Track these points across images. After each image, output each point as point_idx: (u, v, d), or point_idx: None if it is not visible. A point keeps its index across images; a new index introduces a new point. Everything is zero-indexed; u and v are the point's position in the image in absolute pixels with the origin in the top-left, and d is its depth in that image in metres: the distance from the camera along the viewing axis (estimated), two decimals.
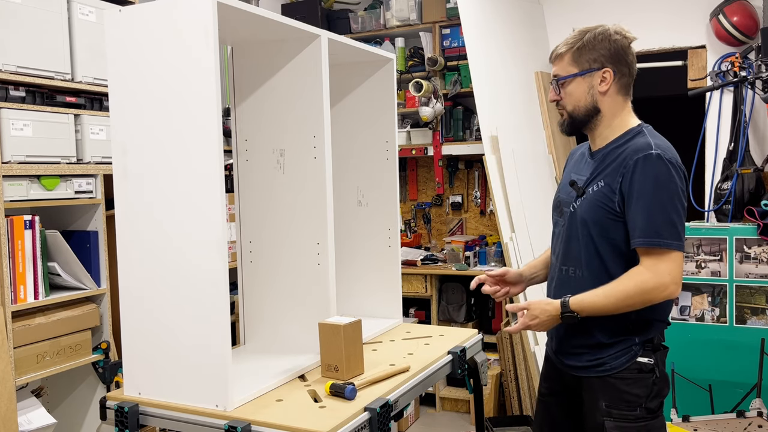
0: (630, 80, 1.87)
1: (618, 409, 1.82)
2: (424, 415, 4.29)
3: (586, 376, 1.88)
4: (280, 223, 2.16)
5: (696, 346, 3.34)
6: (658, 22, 3.97)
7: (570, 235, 1.87)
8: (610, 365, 1.84)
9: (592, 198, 1.81)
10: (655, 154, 1.73)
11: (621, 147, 1.81)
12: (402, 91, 4.49)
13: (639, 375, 1.82)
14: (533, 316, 1.83)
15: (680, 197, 1.73)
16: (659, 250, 1.71)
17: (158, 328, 1.79)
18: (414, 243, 4.71)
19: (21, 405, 2.56)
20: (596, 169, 1.84)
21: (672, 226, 1.70)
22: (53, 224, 2.83)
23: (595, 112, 1.85)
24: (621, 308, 1.75)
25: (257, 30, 2.01)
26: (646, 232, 1.70)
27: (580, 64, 1.82)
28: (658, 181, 1.71)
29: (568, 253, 1.88)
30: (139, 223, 1.80)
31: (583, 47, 1.81)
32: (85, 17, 2.75)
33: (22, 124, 2.51)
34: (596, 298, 1.76)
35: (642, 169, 1.72)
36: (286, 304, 2.16)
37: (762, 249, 3.21)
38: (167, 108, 1.73)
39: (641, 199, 1.71)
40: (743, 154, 3.52)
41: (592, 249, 1.81)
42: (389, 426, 1.74)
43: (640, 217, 1.71)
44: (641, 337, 1.83)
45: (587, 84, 1.83)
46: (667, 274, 1.70)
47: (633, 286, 1.72)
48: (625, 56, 1.83)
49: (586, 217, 1.81)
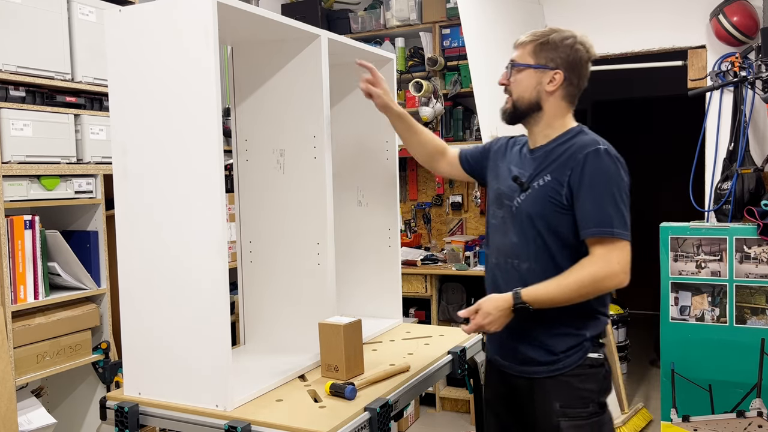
0: (577, 92, 1.90)
1: (572, 407, 1.83)
2: (424, 415, 4.29)
3: (537, 377, 1.86)
4: (280, 223, 2.16)
5: (696, 346, 3.34)
6: (658, 22, 3.97)
7: (514, 230, 1.88)
8: (563, 363, 1.84)
9: (539, 192, 1.83)
10: (603, 149, 1.78)
11: (565, 144, 1.85)
12: (402, 91, 4.49)
13: (591, 370, 1.85)
14: (486, 314, 1.81)
15: (626, 191, 1.79)
16: (610, 240, 1.74)
17: (158, 328, 1.79)
18: (414, 243, 4.71)
19: (21, 405, 2.56)
20: (540, 165, 1.86)
21: (621, 217, 1.75)
22: (53, 224, 2.83)
23: (536, 108, 1.88)
24: (573, 298, 1.76)
25: (257, 30, 2.01)
26: (598, 222, 1.74)
27: (537, 58, 1.86)
28: (607, 174, 1.76)
29: (513, 247, 1.88)
30: (139, 223, 1.80)
31: (546, 44, 1.85)
32: (85, 17, 2.75)
33: (22, 124, 2.51)
34: (549, 289, 1.76)
35: (592, 162, 1.76)
36: (286, 304, 2.16)
37: (762, 249, 3.21)
38: (167, 108, 1.73)
39: (592, 191, 1.75)
40: (743, 154, 3.52)
41: (540, 242, 1.83)
42: (389, 426, 1.74)
43: (591, 209, 1.75)
44: (591, 332, 1.85)
45: (537, 79, 1.86)
46: (617, 263, 1.73)
47: (585, 276, 1.74)
48: (580, 68, 1.87)
49: (532, 211, 1.83)
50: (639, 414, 3.99)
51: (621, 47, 4.09)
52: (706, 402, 3.33)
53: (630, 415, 3.89)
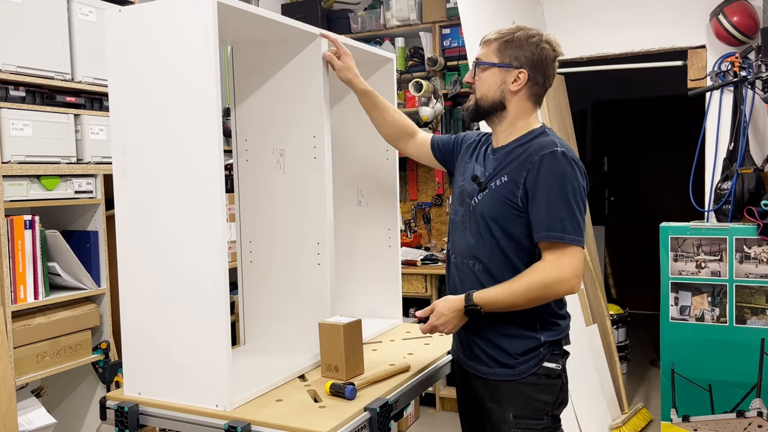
0: (542, 91, 1.87)
1: (526, 418, 1.81)
2: (424, 415, 4.29)
3: (494, 379, 1.85)
4: (280, 223, 2.15)
5: (696, 346, 3.33)
6: (658, 21, 3.97)
7: (471, 229, 1.86)
8: (518, 369, 1.82)
9: (495, 193, 1.81)
10: (560, 151, 1.74)
11: (525, 145, 1.82)
12: (402, 91, 4.49)
13: (547, 381, 1.82)
14: (439, 315, 1.81)
15: (582, 195, 1.76)
16: (562, 245, 1.71)
17: (158, 328, 1.79)
18: (414, 243, 4.70)
19: (21, 405, 2.56)
20: (499, 165, 1.84)
21: (575, 222, 1.72)
22: (53, 224, 2.83)
23: (500, 107, 1.85)
24: (523, 303, 1.74)
25: (257, 30, 2.01)
26: (551, 226, 1.71)
27: (501, 56, 1.83)
28: (563, 177, 1.72)
29: (470, 247, 1.86)
30: (139, 223, 1.80)
31: (511, 42, 1.82)
32: (85, 17, 2.75)
33: (22, 124, 2.51)
34: (499, 292, 1.75)
35: (548, 165, 1.73)
36: (286, 304, 2.16)
37: (762, 249, 3.21)
38: (167, 108, 1.73)
39: (546, 194, 1.72)
40: (743, 154, 3.52)
41: (494, 244, 1.81)
42: (389, 426, 1.74)
43: (545, 212, 1.72)
44: (546, 337, 1.82)
45: (501, 78, 1.83)
46: (568, 269, 1.70)
47: (535, 280, 1.72)
48: (545, 67, 1.83)
49: (487, 212, 1.81)
50: (639, 414, 3.99)
51: (621, 47, 4.09)
52: (706, 402, 3.33)
53: (630, 415, 3.89)
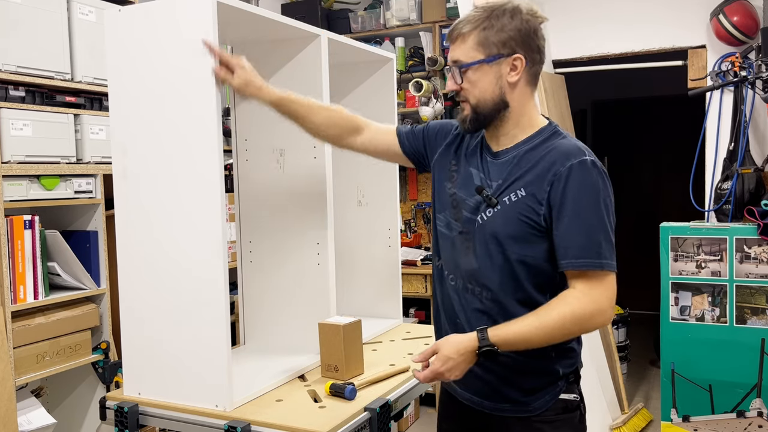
0: (540, 68, 1.57)
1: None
2: (424, 415, 4.29)
3: (500, 416, 1.59)
4: (280, 223, 2.15)
5: (696, 346, 3.33)
6: (658, 21, 3.97)
7: (478, 250, 1.55)
8: (533, 406, 1.56)
9: (510, 210, 1.51)
10: (589, 161, 1.48)
11: (539, 148, 1.53)
12: (402, 91, 4.49)
13: (565, 415, 1.58)
14: (445, 359, 1.48)
15: (613, 211, 1.50)
16: (598, 273, 1.45)
17: (158, 328, 1.79)
18: (414, 243, 4.70)
19: (21, 405, 2.56)
20: (511, 175, 1.53)
21: (610, 245, 1.46)
22: (53, 224, 2.83)
23: (503, 106, 1.54)
24: (554, 339, 1.47)
25: (257, 30, 2.01)
26: (585, 252, 1.44)
27: (487, 48, 1.50)
28: (596, 192, 1.46)
29: (475, 271, 1.56)
30: (139, 223, 1.80)
31: (492, 27, 1.50)
32: (85, 17, 2.75)
33: (22, 124, 2.51)
34: (524, 329, 1.45)
35: (578, 178, 1.46)
36: (286, 304, 2.16)
37: (762, 249, 3.21)
38: (167, 108, 1.73)
39: (579, 214, 1.45)
40: (743, 154, 3.52)
41: (507, 268, 1.52)
42: (389, 426, 1.74)
43: (576, 235, 1.45)
44: (564, 369, 1.57)
45: (495, 73, 1.51)
46: (606, 300, 1.46)
47: (568, 314, 1.44)
48: (537, 40, 1.53)
49: (500, 232, 1.51)
50: (639, 414, 3.99)
51: (621, 47, 4.09)
52: (706, 402, 3.33)
53: (630, 415, 3.89)
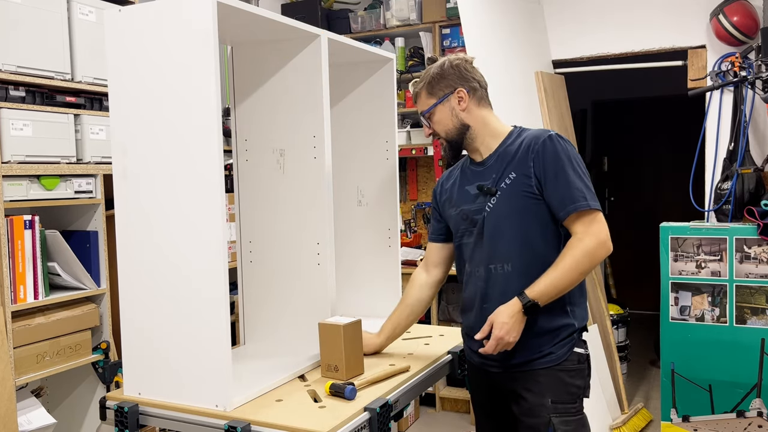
0: (483, 92, 1.99)
1: (563, 402, 1.87)
2: (424, 415, 4.29)
3: (530, 369, 1.89)
4: (280, 223, 2.15)
5: (696, 346, 3.33)
6: (658, 22, 3.97)
7: (493, 235, 1.90)
8: (556, 355, 1.88)
9: (509, 190, 1.88)
10: (554, 134, 1.87)
11: (513, 143, 1.92)
12: (402, 91, 4.49)
13: (578, 366, 1.91)
14: (501, 325, 1.79)
15: (585, 167, 1.88)
16: (588, 213, 1.81)
17: (158, 328, 1.79)
18: (414, 243, 4.70)
19: (21, 405, 2.56)
20: (500, 168, 1.91)
21: (591, 191, 1.84)
22: (53, 224, 2.83)
23: (465, 128, 1.96)
24: (576, 278, 1.82)
25: (257, 30, 2.01)
26: (574, 199, 1.81)
27: (436, 95, 1.96)
28: (566, 154, 1.84)
29: (494, 252, 1.91)
30: (139, 223, 1.80)
31: (433, 79, 1.96)
32: (85, 17, 2.75)
33: (22, 124, 2.51)
34: (551, 278, 1.80)
35: (551, 148, 1.84)
36: (286, 304, 2.16)
37: (762, 249, 3.21)
38: (167, 108, 1.73)
39: (559, 173, 1.82)
40: (743, 154, 3.52)
41: (521, 238, 1.87)
42: (389, 426, 1.74)
43: (563, 189, 1.82)
44: (579, 322, 1.92)
45: (448, 108, 1.95)
46: (602, 232, 1.81)
47: (579, 253, 1.79)
48: (470, 74, 1.96)
49: (507, 211, 1.88)
50: (639, 414, 3.99)
51: (621, 47, 4.09)
52: (706, 402, 3.33)
53: (630, 415, 3.89)
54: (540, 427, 1.86)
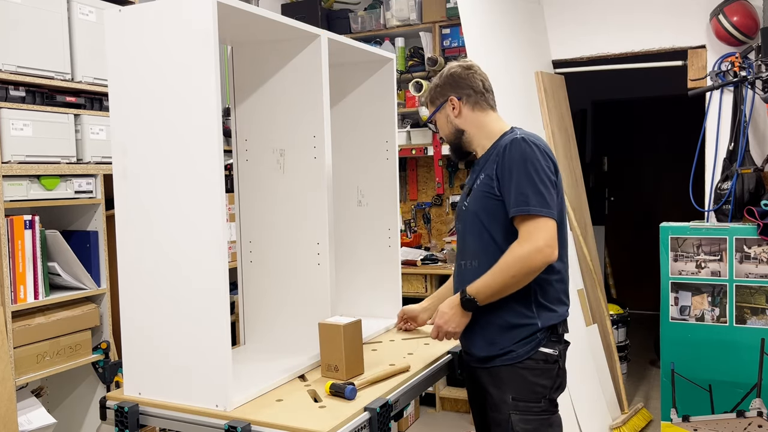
0: (478, 96, 2.06)
1: (524, 401, 1.91)
2: (424, 415, 4.29)
3: (492, 366, 1.95)
4: (280, 223, 2.16)
5: (696, 346, 3.33)
6: (658, 22, 3.97)
7: (466, 231, 2.02)
8: (516, 353, 1.92)
9: (478, 190, 1.98)
10: (519, 138, 1.91)
11: (495, 145, 2.00)
12: (402, 91, 4.49)
13: (545, 365, 1.93)
14: (441, 314, 1.95)
15: (546, 172, 1.88)
16: (530, 218, 1.83)
17: (158, 327, 1.79)
18: (414, 243, 4.70)
19: (21, 405, 2.56)
20: (479, 169, 2.02)
21: (540, 196, 1.84)
22: (53, 224, 2.83)
23: (460, 133, 2.07)
24: (509, 281, 1.84)
25: (257, 30, 2.01)
26: (517, 202, 1.84)
27: (434, 103, 2.10)
28: (522, 158, 1.87)
29: (465, 248, 2.02)
30: (139, 223, 1.80)
31: (432, 90, 2.11)
32: (85, 17, 2.75)
33: (22, 124, 2.51)
34: (485, 278, 1.87)
35: (509, 151, 1.90)
36: (286, 304, 2.16)
37: (762, 249, 3.21)
38: (167, 108, 1.73)
39: (511, 175, 1.87)
40: (743, 154, 3.52)
41: (486, 237, 1.94)
42: (389, 426, 1.74)
43: (512, 192, 1.86)
44: (543, 322, 1.92)
45: (444, 115, 2.09)
46: (540, 239, 1.81)
47: (512, 257, 1.83)
48: (462, 80, 2.05)
49: (475, 208, 1.98)
50: (639, 414, 3.99)
51: (621, 47, 4.09)
52: (706, 402, 3.33)
53: (630, 415, 3.89)
54: (502, 423, 1.93)
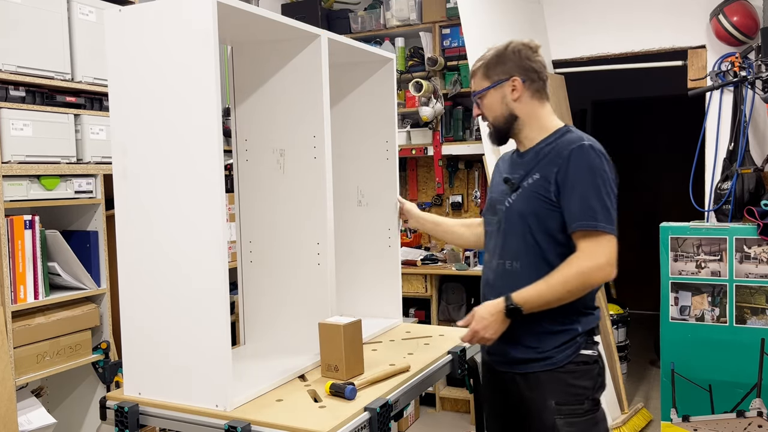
0: (541, 84, 1.94)
1: (567, 404, 1.85)
2: (424, 415, 4.29)
3: (531, 372, 1.88)
4: (280, 223, 2.15)
5: (696, 346, 3.34)
6: (658, 22, 3.97)
7: (507, 230, 1.92)
8: (556, 359, 1.86)
9: (528, 190, 1.87)
10: (587, 144, 1.82)
11: (552, 143, 1.89)
12: (402, 91, 4.49)
13: (584, 367, 1.88)
14: (480, 319, 1.84)
15: (612, 185, 1.82)
16: (595, 234, 1.76)
17: (158, 328, 1.79)
18: (414, 243, 4.71)
19: (21, 405, 2.56)
20: (530, 165, 1.90)
21: (606, 211, 1.77)
22: (53, 224, 2.83)
23: (513, 118, 1.93)
24: (563, 295, 1.78)
25: (257, 30, 2.01)
26: (583, 216, 1.76)
27: (490, 78, 1.93)
28: (591, 169, 1.79)
29: (505, 247, 1.92)
30: (139, 223, 1.80)
31: (491, 62, 1.93)
32: (85, 17, 2.75)
33: (22, 124, 2.51)
34: (538, 288, 1.79)
35: (576, 158, 1.80)
36: (286, 304, 2.16)
37: (762, 249, 3.21)
38: (167, 108, 1.73)
39: (577, 186, 1.78)
40: (743, 154, 3.52)
41: (531, 240, 1.86)
42: (389, 426, 1.74)
43: (577, 203, 1.77)
44: (583, 327, 1.88)
45: (500, 95, 1.93)
46: (603, 256, 1.75)
47: (571, 271, 1.76)
48: (531, 63, 1.92)
49: (522, 209, 1.87)
50: (639, 414, 3.99)
51: (621, 47, 4.09)
52: (706, 402, 3.33)
53: (630, 415, 3.89)
54: (546, 430, 1.86)
